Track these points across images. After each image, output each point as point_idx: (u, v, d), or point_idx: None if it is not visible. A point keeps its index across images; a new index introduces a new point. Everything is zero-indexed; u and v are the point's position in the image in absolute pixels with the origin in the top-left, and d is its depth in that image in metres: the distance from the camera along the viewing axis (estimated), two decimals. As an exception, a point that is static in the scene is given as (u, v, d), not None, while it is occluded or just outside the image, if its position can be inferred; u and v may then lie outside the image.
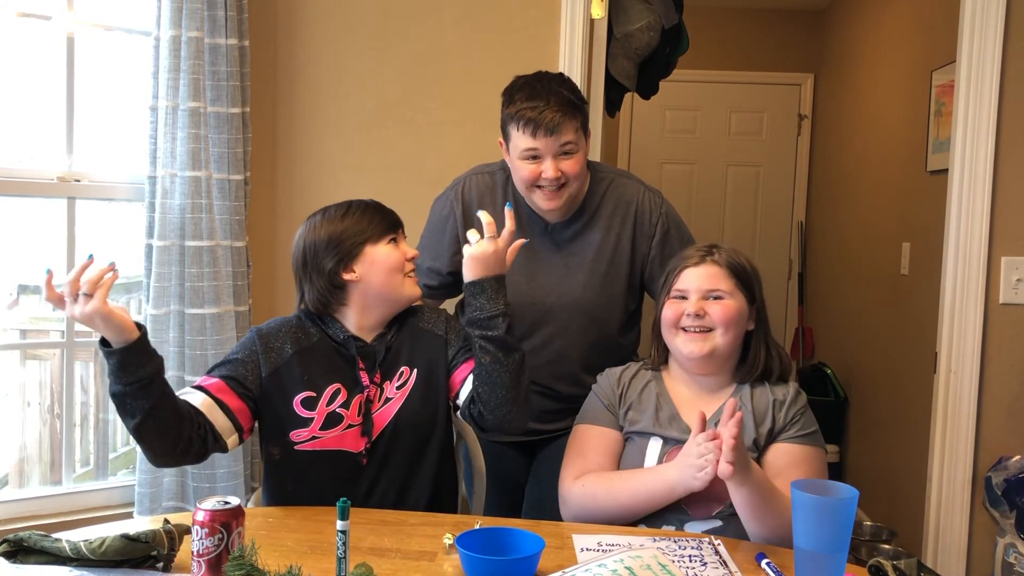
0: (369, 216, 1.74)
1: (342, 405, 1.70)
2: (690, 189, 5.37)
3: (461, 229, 2.06)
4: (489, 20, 2.60)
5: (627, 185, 2.10)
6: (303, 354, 1.72)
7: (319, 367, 1.72)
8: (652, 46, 2.87)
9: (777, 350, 1.79)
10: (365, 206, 1.76)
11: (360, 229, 1.72)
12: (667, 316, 1.74)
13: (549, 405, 2.08)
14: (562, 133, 1.90)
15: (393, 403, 1.72)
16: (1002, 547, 2.43)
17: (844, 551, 1.32)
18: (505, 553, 1.38)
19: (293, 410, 1.69)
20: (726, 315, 1.70)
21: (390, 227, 1.75)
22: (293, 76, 2.61)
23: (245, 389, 1.68)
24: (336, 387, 1.71)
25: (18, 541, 1.37)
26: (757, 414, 1.71)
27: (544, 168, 1.91)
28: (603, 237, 2.05)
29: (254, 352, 1.71)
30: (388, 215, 1.77)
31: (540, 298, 2.04)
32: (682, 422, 1.73)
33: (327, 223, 1.73)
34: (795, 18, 5.24)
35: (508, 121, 1.94)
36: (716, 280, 1.72)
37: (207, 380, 1.68)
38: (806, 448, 1.69)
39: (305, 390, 1.70)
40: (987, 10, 2.43)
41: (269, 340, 1.73)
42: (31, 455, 2.55)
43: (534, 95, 1.91)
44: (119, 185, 2.47)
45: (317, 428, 1.69)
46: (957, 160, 2.49)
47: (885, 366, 3.80)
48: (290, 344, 1.73)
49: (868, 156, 4.18)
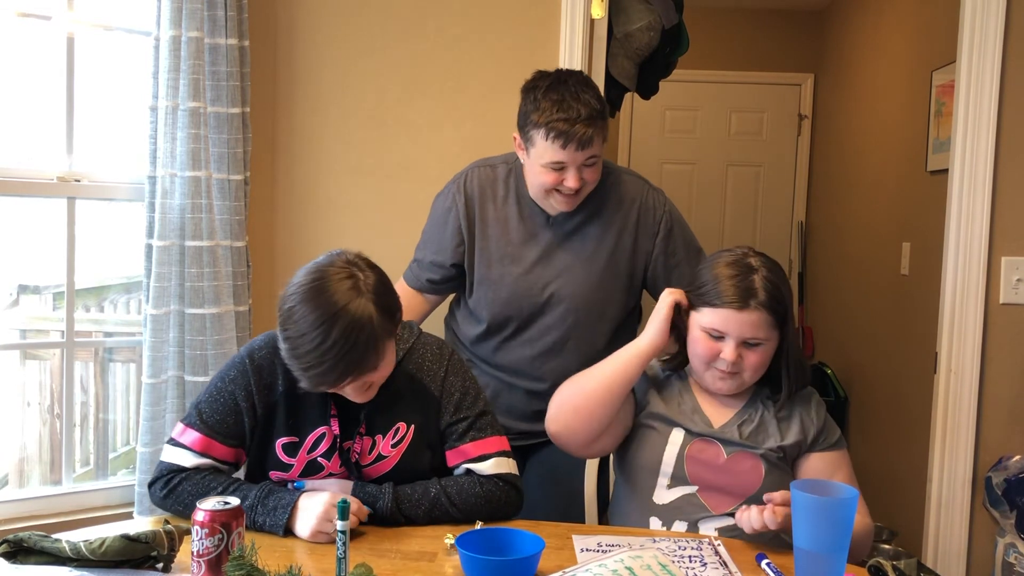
0: (317, 362, 1.45)
1: (325, 454, 1.61)
2: (690, 189, 5.37)
3: (463, 221, 2.08)
4: (489, 20, 2.60)
5: (631, 182, 2.11)
6: (291, 393, 1.60)
7: (305, 408, 1.61)
8: (652, 46, 2.87)
9: (797, 359, 1.75)
10: (328, 346, 1.43)
11: (304, 367, 1.47)
12: (700, 352, 1.69)
13: (537, 405, 2.09)
14: (591, 147, 1.89)
15: (388, 461, 1.62)
16: (1002, 547, 2.43)
17: (844, 551, 1.32)
18: (505, 553, 1.38)
19: (274, 454, 1.62)
20: (760, 362, 1.69)
21: (333, 383, 1.49)
22: (293, 76, 2.61)
23: (230, 437, 1.61)
24: (322, 431, 1.61)
25: (18, 541, 1.37)
26: (781, 420, 1.73)
27: (567, 178, 1.91)
28: (604, 231, 2.05)
29: (249, 391, 1.61)
30: (341, 369, 1.46)
31: (538, 289, 2.05)
32: (705, 416, 1.74)
33: (289, 328, 1.46)
34: (795, 18, 5.24)
35: (534, 127, 1.90)
36: (756, 328, 1.64)
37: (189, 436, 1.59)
38: (838, 453, 1.73)
39: (288, 435, 1.61)
40: (987, 10, 2.43)
41: (262, 374, 1.62)
42: (31, 455, 2.55)
43: (563, 104, 1.87)
44: (119, 185, 2.47)
45: (296, 475, 1.63)
46: (957, 160, 2.49)
47: (885, 366, 3.80)
48: (281, 380, 1.61)
49: (868, 156, 4.18)
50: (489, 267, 2.08)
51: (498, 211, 2.08)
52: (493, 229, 2.07)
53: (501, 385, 2.13)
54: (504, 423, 2.08)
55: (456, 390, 1.66)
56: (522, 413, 2.11)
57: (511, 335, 2.09)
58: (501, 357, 2.11)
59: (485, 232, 2.08)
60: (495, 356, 2.12)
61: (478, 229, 2.08)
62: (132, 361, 2.70)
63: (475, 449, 1.64)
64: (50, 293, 2.60)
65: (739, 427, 1.71)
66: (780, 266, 1.74)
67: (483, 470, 1.63)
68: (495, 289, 2.07)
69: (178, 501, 1.57)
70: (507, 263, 2.06)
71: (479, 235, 2.08)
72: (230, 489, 1.55)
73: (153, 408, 2.34)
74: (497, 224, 2.07)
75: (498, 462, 1.64)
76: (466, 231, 2.08)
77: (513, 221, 2.07)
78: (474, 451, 1.64)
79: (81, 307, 2.62)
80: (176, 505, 1.57)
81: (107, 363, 2.72)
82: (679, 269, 2.08)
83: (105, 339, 2.77)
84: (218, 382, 1.64)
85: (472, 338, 2.14)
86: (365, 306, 1.46)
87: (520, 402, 2.11)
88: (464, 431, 1.65)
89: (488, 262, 2.08)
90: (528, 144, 1.94)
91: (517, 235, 2.07)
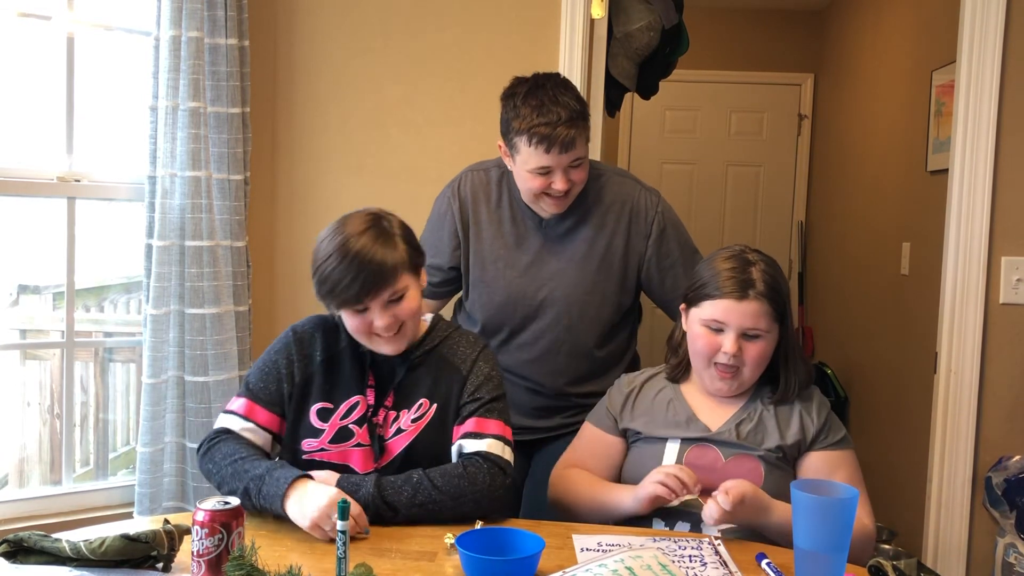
0: (339, 277, 1.57)
1: (357, 421, 1.66)
2: (690, 189, 5.37)
3: (459, 224, 2.09)
4: (489, 20, 2.60)
5: (623, 183, 2.11)
6: (330, 362, 1.70)
7: (342, 376, 1.69)
8: (652, 46, 2.87)
9: (799, 358, 1.76)
10: (348, 261, 1.57)
11: (330, 289, 1.59)
12: (700, 349, 1.70)
13: (539, 402, 2.10)
14: (575, 149, 1.90)
15: (406, 435, 1.66)
16: (1002, 547, 2.43)
17: (844, 551, 1.32)
18: (505, 553, 1.38)
19: (308, 420, 1.67)
20: (760, 355, 1.69)
21: (357, 297, 1.58)
22: (293, 76, 2.61)
23: (272, 404, 1.68)
24: (356, 400, 1.67)
25: (18, 541, 1.37)
26: (781, 419, 1.72)
27: (555, 180, 1.92)
28: (596, 234, 2.06)
29: (290, 359, 1.69)
30: (361, 280, 1.57)
31: (532, 292, 2.06)
32: (700, 422, 1.74)
33: (316, 261, 1.61)
34: (795, 18, 5.24)
35: (516, 134, 1.91)
36: (756, 318, 1.66)
37: (236, 403, 1.69)
38: (841, 452, 1.72)
39: (323, 400, 1.68)
40: (987, 10, 2.43)
41: (303, 344, 1.71)
42: (31, 455, 2.55)
43: (543, 108, 1.88)
44: (119, 185, 2.47)
45: (327, 441, 1.66)
46: (957, 160, 2.49)
47: (885, 366, 3.80)
48: (320, 350, 1.70)
49: (868, 156, 4.18)
50: (484, 269, 2.09)
51: (491, 214, 2.09)
52: (487, 232, 2.08)
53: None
54: None
55: (482, 374, 1.70)
56: (524, 408, 2.11)
57: (506, 339, 2.09)
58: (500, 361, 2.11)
59: (479, 235, 2.09)
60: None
61: (472, 232, 2.09)
62: (132, 361, 2.70)
63: (475, 426, 1.65)
64: (50, 293, 2.60)
65: (737, 426, 1.71)
66: (777, 263, 1.75)
67: (470, 447, 1.63)
68: (490, 292, 2.08)
69: (211, 459, 1.61)
70: (501, 265, 2.07)
71: (474, 238, 2.09)
72: (250, 458, 1.58)
73: (153, 408, 2.34)
74: (491, 227, 2.08)
75: (491, 444, 1.63)
76: (461, 234, 2.10)
77: (506, 224, 2.08)
78: (473, 427, 1.65)
79: (81, 307, 2.62)
80: (208, 463, 1.62)
81: (107, 363, 2.72)
82: (674, 270, 2.08)
83: (105, 339, 2.77)
84: (265, 355, 1.73)
85: None
86: (387, 229, 1.61)
87: (522, 398, 2.11)
88: (474, 409, 1.66)
89: (483, 264, 2.09)
90: (513, 151, 1.95)
91: (511, 238, 2.07)
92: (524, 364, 2.08)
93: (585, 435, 1.85)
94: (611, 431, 1.81)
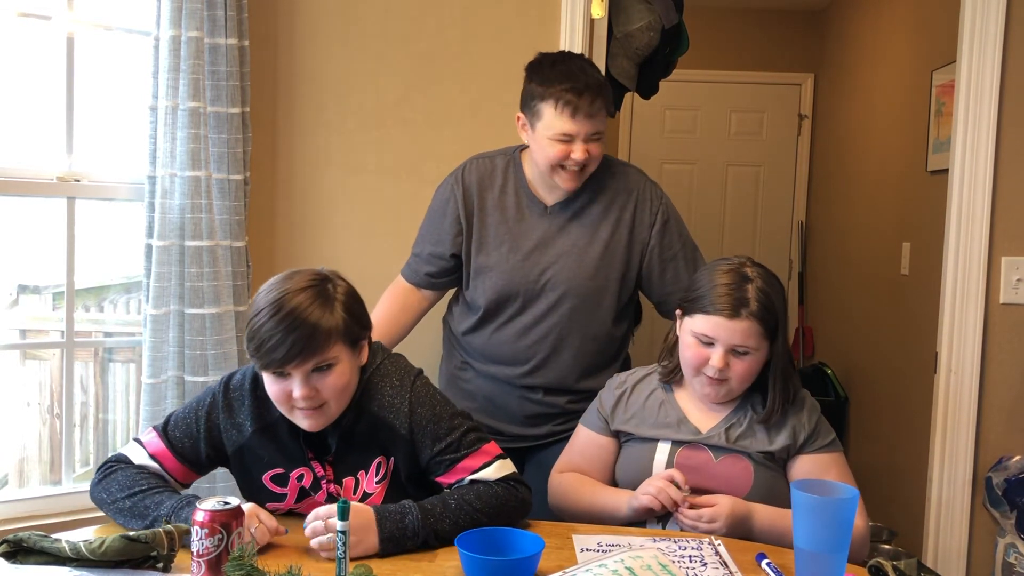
0: (267, 336, 1.46)
1: (312, 488, 1.61)
2: (690, 189, 5.37)
3: (462, 211, 2.11)
4: (489, 20, 2.60)
5: (627, 173, 2.14)
6: (263, 432, 1.59)
7: (280, 447, 1.60)
8: (652, 46, 2.87)
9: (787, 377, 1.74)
10: (279, 318, 1.46)
11: (256, 346, 1.48)
12: (689, 359, 1.72)
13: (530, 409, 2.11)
14: (598, 118, 1.94)
15: (376, 497, 1.59)
16: (1002, 547, 2.43)
17: (844, 551, 1.32)
18: (505, 553, 1.38)
19: (265, 487, 1.62)
20: (747, 371, 1.70)
21: (280, 359, 1.46)
22: (293, 76, 2.61)
23: (185, 459, 1.61)
24: (301, 471, 1.60)
25: (18, 541, 1.37)
26: (771, 425, 1.73)
27: (574, 150, 1.94)
28: (601, 220, 2.07)
29: (214, 425, 1.61)
30: (289, 342, 1.45)
31: (535, 275, 2.06)
32: (690, 425, 1.75)
33: (250, 315, 1.51)
34: (795, 18, 5.24)
35: (541, 99, 1.93)
36: (746, 337, 1.67)
37: (150, 438, 1.62)
38: (829, 455, 1.73)
39: (271, 468, 1.60)
40: (987, 10, 2.43)
41: (232, 411, 1.61)
42: (31, 455, 2.55)
43: (572, 75, 1.92)
44: (119, 185, 2.47)
45: (292, 502, 1.62)
46: (957, 160, 2.49)
47: (885, 366, 3.80)
48: (251, 421, 1.60)
49: (868, 156, 4.18)
50: (488, 254, 2.09)
51: (496, 198, 2.10)
52: (492, 216, 2.10)
53: (494, 388, 2.13)
54: (498, 427, 2.09)
55: (427, 421, 1.58)
56: (516, 417, 2.11)
57: (507, 320, 2.09)
58: (495, 347, 2.11)
59: (484, 220, 2.10)
60: (489, 346, 2.12)
61: (476, 217, 2.10)
62: (132, 361, 2.70)
63: (474, 462, 1.59)
64: (50, 293, 2.60)
65: (727, 431, 1.73)
66: (778, 279, 1.76)
67: (489, 475, 1.58)
68: (493, 275, 2.09)
69: (105, 489, 1.55)
70: (505, 249, 2.08)
71: (477, 222, 2.10)
72: (152, 491, 1.52)
73: (153, 408, 2.34)
74: (496, 211, 2.10)
75: (500, 465, 1.60)
76: (464, 220, 2.10)
77: (511, 209, 2.09)
78: (474, 463, 1.58)
79: (81, 307, 2.62)
80: (102, 492, 1.55)
81: (107, 363, 2.72)
82: (675, 263, 2.09)
83: (105, 339, 2.77)
84: (194, 405, 1.65)
85: (467, 329, 2.14)
86: (328, 292, 1.51)
87: (514, 405, 2.11)
88: (454, 454, 1.58)
89: (487, 249, 2.09)
90: (535, 119, 1.97)
91: (515, 222, 2.08)
92: (524, 349, 2.08)
93: (579, 438, 1.87)
94: (603, 432, 1.83)
